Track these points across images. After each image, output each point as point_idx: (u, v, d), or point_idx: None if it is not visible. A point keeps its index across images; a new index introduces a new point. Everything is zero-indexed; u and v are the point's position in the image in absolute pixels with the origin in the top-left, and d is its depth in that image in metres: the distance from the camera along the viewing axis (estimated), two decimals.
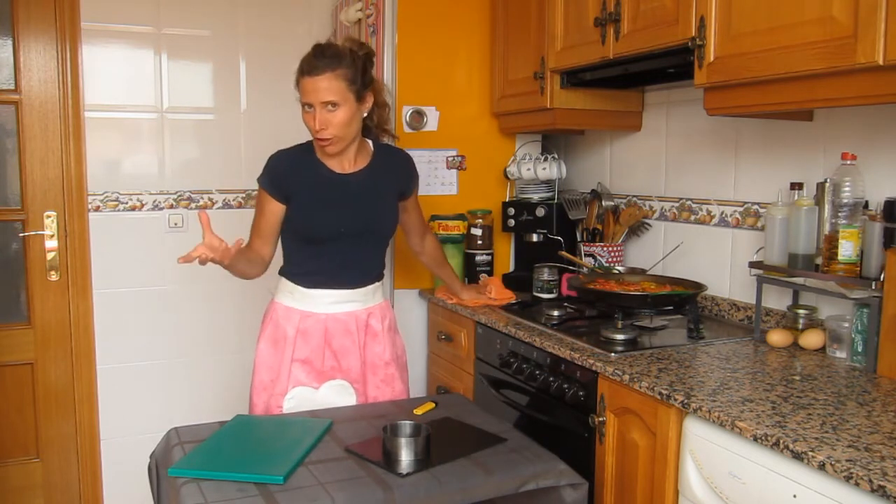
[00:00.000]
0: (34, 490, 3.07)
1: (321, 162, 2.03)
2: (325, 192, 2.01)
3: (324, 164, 2.03)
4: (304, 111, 1.95)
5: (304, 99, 1.94)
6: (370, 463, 1.57)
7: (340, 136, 1.95)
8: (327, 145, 1.96)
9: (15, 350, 3.01)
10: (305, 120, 1.96)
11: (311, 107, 1.92)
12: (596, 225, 2.69)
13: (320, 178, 2.02)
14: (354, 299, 2.07)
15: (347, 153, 2.04)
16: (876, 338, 1.69)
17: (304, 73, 1.94)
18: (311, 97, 1.92)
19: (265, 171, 2.03)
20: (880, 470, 1.15)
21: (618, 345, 1.92)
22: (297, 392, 2.03)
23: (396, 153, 2.19)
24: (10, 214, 2.99)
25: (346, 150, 2.03)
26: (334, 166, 2.04)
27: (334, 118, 1.92)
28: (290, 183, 2.00)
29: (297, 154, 2.05)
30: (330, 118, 1.92)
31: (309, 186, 2.01)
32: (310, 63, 1.93)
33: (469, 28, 2.84)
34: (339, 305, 2.05)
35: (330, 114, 1.91)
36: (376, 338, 2.11)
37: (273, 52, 3.24)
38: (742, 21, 1.71)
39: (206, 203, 3.23)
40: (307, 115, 1.95)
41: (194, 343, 3.26)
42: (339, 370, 2.06)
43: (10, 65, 2.93)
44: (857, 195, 1.76)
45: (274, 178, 2.01)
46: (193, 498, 1.42)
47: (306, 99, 1.93)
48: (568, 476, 1.61)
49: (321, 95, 1.90)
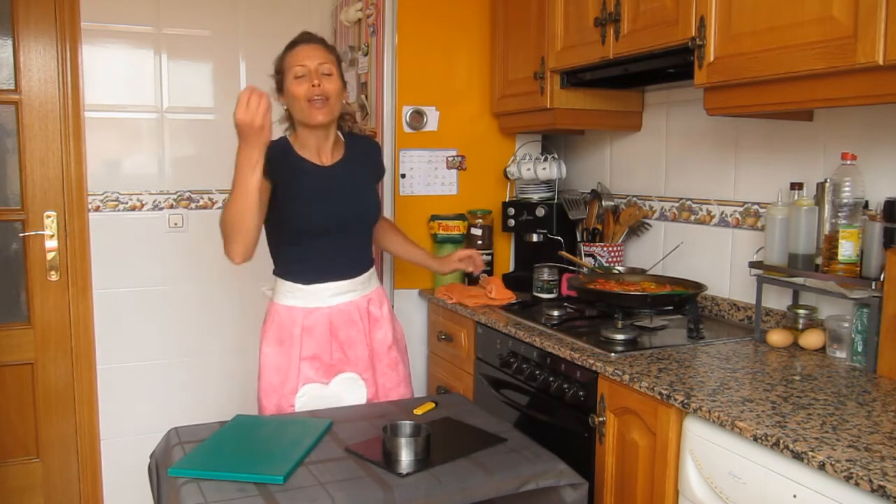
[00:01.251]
0: (34, 490, 3.07)
1: (301, 157, 2.04)
2: (310, 185, 2.01)
3: (304, 158, 2.04)
4: (293, 81, 1.96)
5: (297, 64, 1.96)
6: (370, 463, 1.57)
7: (332, 102, 1.97)
8: (321, 108, 1.96)
9: (15, 350, 3.02)
10: (295, 89, 1.96)
11: (304, 74, 1.95)
12: (596, 225, 2.69)
13: (304, 173, 2.02)
14: (354, 288, 2.07)
15: (326, 144, 2.05)
16: (876, 338, 1.69)
17: (297, 43, 1.99)
18: (307, 61, 1.95)
19: None
20: (880, 470, 1.15)
21: (618, 345, 1.92)
22: (307, 389, 2.02)
23: (365, 141, 2.22)
24: (10, 214, 2.99)
25: (325, 141, 2.04)
26: (314, 160, 2.05)
27: (329, 84, 1.96)
28: (274, 167, 1.95)
29: (278, 145, 2.03)
30: (326, 83, 1.95)
31: (294, 180, 2.00)
32: (304, 36, 2.01)
33: (469, 28, 2.84)
34: (341, 296, 2.06)
35: (325, 79, 1.96)
36: (378, 323, 2.12)
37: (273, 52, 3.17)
38: (742, 21, 1.71)
39: (206, 203, 3.23)
40: (298, 82, 1.95)
41: (194, 343, 3.26)
42: (346, 362, 2.06)
43: (10, 65, 2.93)
44: (857, 195, 1.76)
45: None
46: (193, 498, 1.42)
47: (301, 63, 1.95)
48: (568, 476, 1.61)
49: (318, 59, 1.96)
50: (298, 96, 1.95)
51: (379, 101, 2.77)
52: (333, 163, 2.06)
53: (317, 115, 1.96)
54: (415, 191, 2.80)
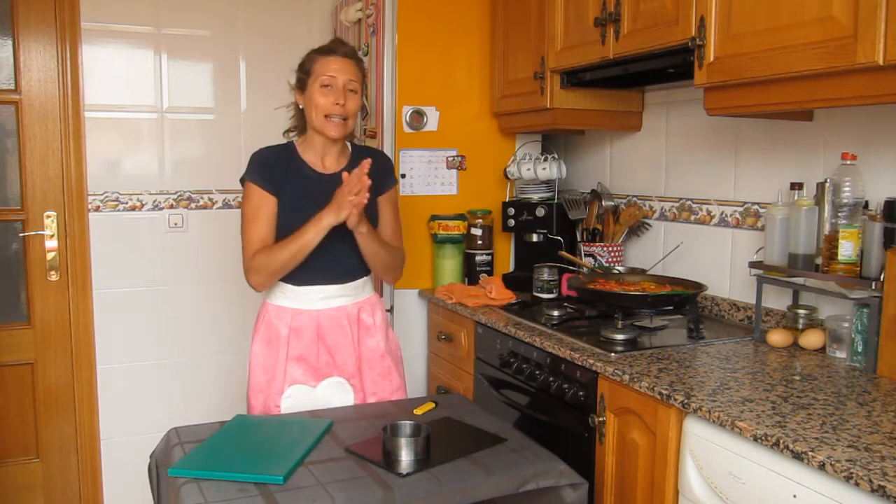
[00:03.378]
0: (34, 490, 3.07)
1: (304, 161, 2.04)
2: (307, 191, 2.01)
3: (306, 163, 2.04)
4: (318, 89, 1.95)
5: (326, 73, 1.95)
6: (370, 463, 1.57)
7: (350, 121, 1.99)
8: (337, 124, 1.97)
9: (15, 350, 3.02)
10: (317, 98, 1.95)
11: (331, 85, 1.95)
12: (596, 225, 2.69)
13: (303, 178, 2.02)
14: (344, 294, 2.07)
15: (332, 151, 2.06)
16: (876, 338, 1.69)
17: (329, 51, 1.98)
18: (338, 74, 1.95)
19: (252, 166, 2.02)
20: (880, 470, 1.15)
21: (618, 345, 1.92)
22: (293, 391, 2.02)
23: (374, 153, 2.19)
24: (10, 214, 2.99)
25: (332, 147, 2.05)
26: (317, 166, 2.05)
27: (351, 102, 1.97)
28: (277, 176, 1.99)
29: (281, 151, 2.06)
30: (349, 102, 1.96)
31: (293, 184, 2.01)
32: (337, 44, 2.00)
33: (469, 28, 2.84)
34: (330, 301, 2.05)
35: (350, 98, 1.96)
36: (369, 331, 2.10)
37: (273, 52, 3.25)
38: (742, 21, 1.71)
39: (206, 203, 3.23)
40: (322, 92, 1.95)
41: (194, 343, 3.26)
42: (334, 366, 2.06)
43: (10, 65, 2.93)
44: (857, 195, 1.76)
45: (263, 171, 2.00)
46: (193, 498, 1.41)
47: (330, 73, 1.95)
48: (568, 476, 1.60)
49: (348, 75, 1.96)
50: (319, 107, 1.96)
51: (379, 101, 2.77)
52: (335, 171, 2.05)
53: (331, 131, 1.98)
54: (415, 191, 2.80)
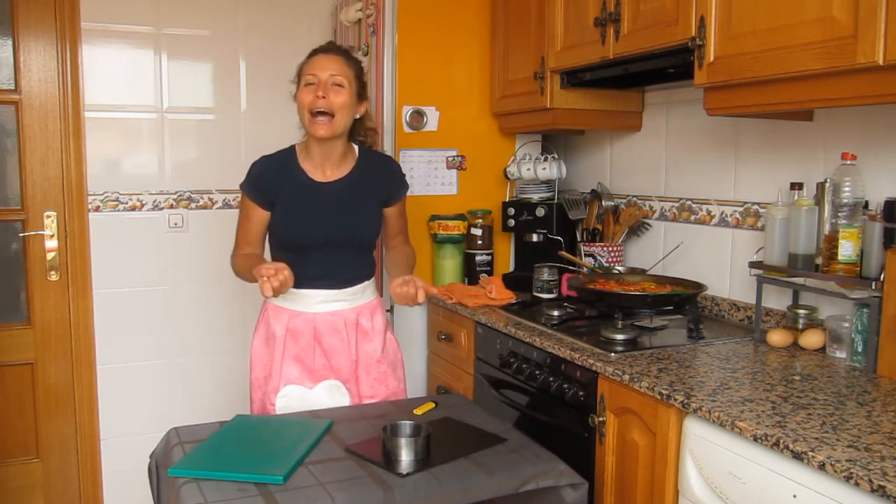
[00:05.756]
0: (34, 490, 3.07)
1: (302, 169, 2.03)
2: (303, 200, 2.00)
3: (304, 171, 2.02)
4: (303, 88, 1.95)
5: (309, 72, 1.95)
6: (370, 463, 1.57)
7: (337, 118, 1.94)
8: (323, 122, 1.93)
9: (15, 350, 3.01)
10: (301, 97, 1.95)
11: (314, 83, 1.93)
12: (596, 225, 2.69)
13: (300, 186, 2.01)
14: (343, 298, 2.06)
15: (332, 157, 2.03)
16: (876, 338, 1.69)
17: (316, 52, 1.99)
18: (319, 71, 1.94)
19: (248, 177, 2.03)
20: (880, 470, 1.15)
21: (618, 345, 1.92)
22: (288, 390, 2.03)
23: (382, 160, 2.17)
24: (10, 214, 2.99)
25: (331, 153, 2.02)
26: (315, 174, 2.03)
27: (337, 97, 1.93)
28: (272, 189, 2.00)
29: (280, 159, 2.04)
30: (333, 96, 1.93)
31: (289, 193, 2.00)
32: (325, 45, 2.02)
33: (469, 28, 2.84)
34: (328, 305, 2.05)
35: (334, 92, 1.93)
36: (367, 336, 2.10)
37: (273, 52, 3.24)
38: (742, 21, 1.71)
39: (205, 203, 3.23)
40: (305, 91, 1.94)
41: (194, 343, 3.26)
42: (330, 369, 2.06)
43: (10, 65, 2.93)
44: (857, 195, 1.76)
45: (258, 184, 2.01)
46: (193, 498, 1.41)
47: (313, 71, 1.94)
48: (568, 476, 1.60)
49: (331, 70, 1.94)
50: (303, 104, 1.95)
51: (379, 101, 2.77)
52: (334, 179, 2.04)
53: (318, 129, 1.94)
54: (415, 191, 2.80)
